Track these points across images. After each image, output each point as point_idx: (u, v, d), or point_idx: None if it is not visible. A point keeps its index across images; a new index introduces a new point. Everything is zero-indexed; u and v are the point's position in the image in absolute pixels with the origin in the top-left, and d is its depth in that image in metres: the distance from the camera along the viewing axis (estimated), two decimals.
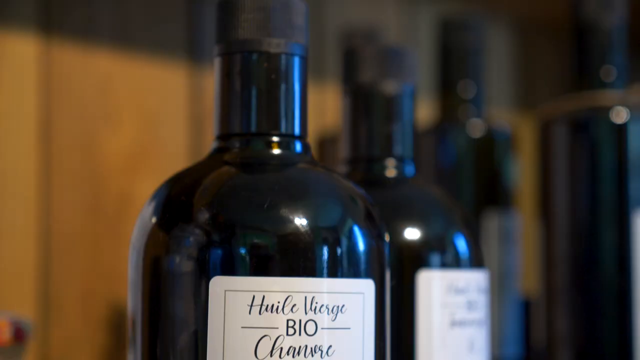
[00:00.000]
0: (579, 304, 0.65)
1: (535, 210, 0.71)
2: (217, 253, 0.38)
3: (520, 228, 0.74)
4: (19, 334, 0.49)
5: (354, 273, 0.39)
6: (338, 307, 0.38)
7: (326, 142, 0.76)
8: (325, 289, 0.38)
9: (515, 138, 0.75)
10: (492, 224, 0.71)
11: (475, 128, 0.72)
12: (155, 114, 0.75)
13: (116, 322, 0.74)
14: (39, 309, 0.69)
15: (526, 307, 0.77)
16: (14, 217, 0.69)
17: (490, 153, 0.72)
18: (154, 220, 0.40)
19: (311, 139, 0.41)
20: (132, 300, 0.41)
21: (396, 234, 0.46)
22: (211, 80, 0.75)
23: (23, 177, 0.69)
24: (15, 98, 0.69)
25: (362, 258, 0.39)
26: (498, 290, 0.70)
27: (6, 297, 0.68)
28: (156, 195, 0.41)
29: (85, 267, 0.73)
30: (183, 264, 0.38)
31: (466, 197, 0.70)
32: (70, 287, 0.71)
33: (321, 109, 0.83)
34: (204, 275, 0.38)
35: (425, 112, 0.84)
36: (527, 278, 0.80)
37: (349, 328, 0.38)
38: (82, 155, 0.72)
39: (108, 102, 0.73)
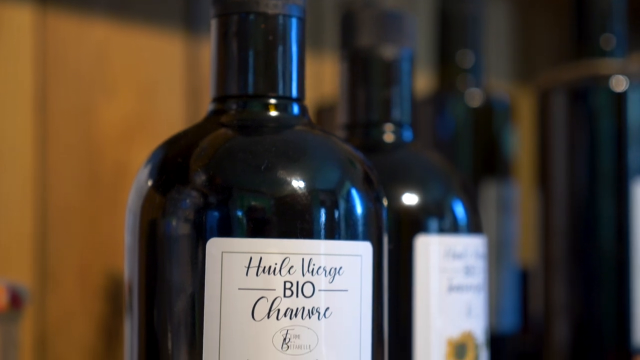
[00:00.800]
0: (576, 274, 0.65)
1: (534, 179, 0.71)
2: (214, 215, 0.38)
3: (518, 198, 0.74)
4: (16, 300, 0.49)
5: (352, 235, 0.39)
6: (335, 269, 0.38)
7: (324, 112, 0.76)
8: (323, 250, 0.38)
9: (513, 108, 0.74)
10: (490, 193, 0.70)
11: (474, 98, 0.72)
12: (151, 83, 0.75)
13: (113, 293, 0.74)
14: (36, 279, 0.69)
15: (524, 277, 0.77)
16: (10, 187, 0.68)
17: (488, 123, 0.72)
18: (150, 183, 0.40)
19: (309, 108, 0.41)
20: (128, 265, 0.41)
21: (394, 199, 0.46)
22: (208, 50, 0.75)
23: (19, 147, 0.69)
24: (11, 67, 0.68)
25: (360, 220, 0.39)
26: (496, 260, 0.70)
27: (3, 268, 0.67)
28: (152, 158, 0.41)
29: (82, 237, 0.72)
30: (180, 226, 0.38)
31: (464, 166, 0.70)
32: (67, 258, 0.71)
33: (319, 78, 0.83)
34: (200, 237, 0.38)
35: (423, 81, 0.84)
36: (525, 248, 0.80)
37: (347, 290, 0.38)
38: (78, 125, 0.72)
39: (104, 72, 0.73)
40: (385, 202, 0.41)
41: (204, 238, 0.38)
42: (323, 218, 0.38)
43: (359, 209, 0.39)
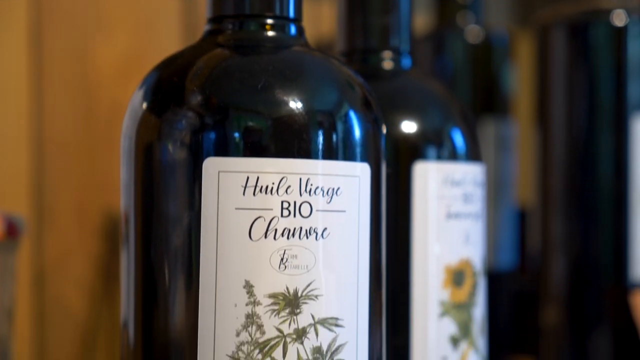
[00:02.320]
0: (575, 210, 0.65)
1: (532, 118, 0.70)
2: (210, 135, 0.37)
3: (516, 136, 0.74)
4: (12, 229, 0.49)
5: (350, 156, 0.38)
6: (333, 189, 0.38)
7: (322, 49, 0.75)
8: (320, 170, 0.37)
9: (513, 45, 0.74)
10: (488, 131, 0.70)
11: (473, 34, 0.71)
12: (148, 21, 0.74)
13: (111, 232, 0.73)
14: (33, 216, 0.69)
15: (521, 217, 0.77)
16: (5, 126, 0.68)
17: (487, 60, 0.71)
18: (144, 105, 0.39)
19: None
20: (124, 193, 0.41)
21: (393, 126, 0.46)
22: None
23: (14, 85, 0.69)
24: (5, 5, 0.68)
25: (358, 142, 0.39)
26: (494, 198, 0.70)
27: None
28: (146, 80, 0.40)
29: (79, 175, 0.72)
30: (176, 147, 0.38)
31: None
32: (64, 195, 0.71)
33: (317, 19, 0.82)
34: (197, 157, 0.37)
35: (423, 18, 0.83)
36: (523, 188, 0.79)
37: (344, 211, 0.38)
38: (74, 63, 0.72)
39: (100, 9, 0.72)
40: (384, 128, 0.41)
41: (201, 158, 0.37)
42: (321, 138, 0.38)
43: (357, 131, 0.39)
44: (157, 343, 0.38)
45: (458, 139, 0.47)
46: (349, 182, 0.38)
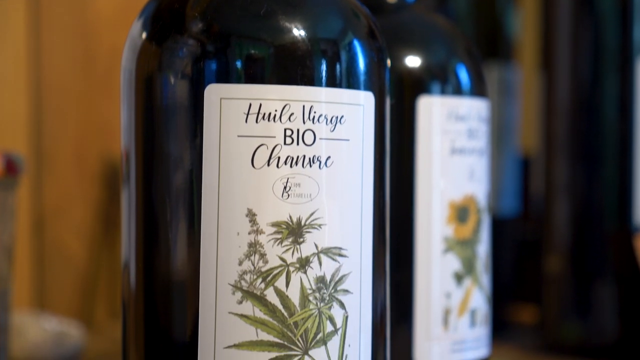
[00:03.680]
0: (579, 154, 0.64)
1: (536, 62, 0.70)
2: (212, 62, 0.37)
3: (520, 81, 0.73)
4: (11, 167, 0.48)
5: (354, 84, 0.38)
6: (337, 117, 0.37)
7: None
8: (324, 98, 0.37)
9: None
10: (491, 76, 0.69)
11: None
12: None
13: (110, 178, 0.73)
14: (32, 162, 0.68)
15: (524, 164, 0.77)
16: (4, 70, 0.67)
17: (491, 3, 0.70)
18: (144, 35, 0.39)
19: None
20: (125, 129, 0.40)
21: (397, 60, 0.45)
22: None
23: (12, 30, 0.68)
24: None
25: (362, 70, 0.38)
26: (497, 144, 0.69)
27: None
28: (146, 9, 0.40)
29: (77, 122, 0.71)
30: (177, 76, 0.37)
31: None
32: (63, 142, 0.70)
33: None
34: (199, 85, 0.37)
35: None
36: (526, 135, 0.79)
37: (348, 140, 0.37)
38: (73, 7, 0.71)
39: None
40: (388, 62, 0.40)
41: (202, 86, 0.37)
42: (324, 66, 0.37)
43: (361, 59, 0.38)
44: (159, 278, 0.38)
45: (463, 73, 0.46)
46: (352, 111, 0.37)
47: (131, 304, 0.39)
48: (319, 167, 0.37)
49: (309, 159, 0.37)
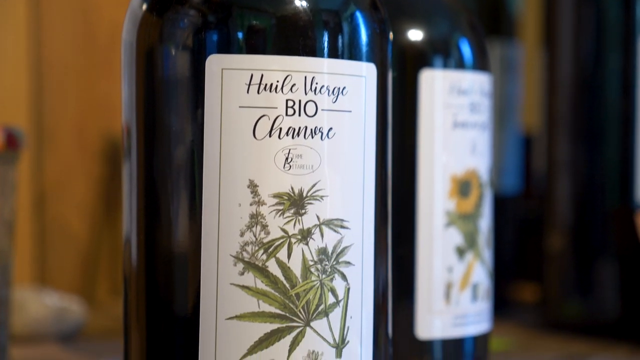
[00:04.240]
0: (581, 132, 0.64)
1: (538, 40, 0.69)
2: (213, 33, 0.36)
3: (522, 59, 0.73)
4: (11, 140, 0.48)
5: (356, 55, 0.37)
6: (339, 88, 0.37)
7: None
8: (326, 69, 0.37)
9: None
10: (494, 53, 0.69)
11: None
12: None
13: (111, 155, 0.73)
14: (33, 140, 0.68)
15: (526, 142, 0.77)
16: (4, 46, 0.67)
17: None
18: (144, 6, 0.38)
19: None
20: (126, 103, 0.40)
21: (399, 33, 0.45)
22: None
23: (12, 5, 0.67)
24: None
25: (365, 41, 0.38)
26: (499, 122, 0.69)
27: None
28: None
29: (78, 98, 0.71)
30: (178, 47, 0.37)
31: None
32: (64, 119, 0.70)
33: None
34: (200, 56, 0.36)
35: None
36: (528, 113, 0.79)
37: (350, 111, 0.37)
38: None
39: None
40: (390, 35, 0.40)
41: (204, 56, 0.36)
42: (326, 36, 0.37)
43: (363, 30, 0.38)
44: (161, 250, 0.38)
45: (465, 47, 0.46)
46: (354, 82, 0.37)
47: (133, 277, 0.39)
48: (321, 138, 0.37)
49: (311, 130, 0.36)
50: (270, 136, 0.36)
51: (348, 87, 0.37)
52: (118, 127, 0.71)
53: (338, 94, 0.37)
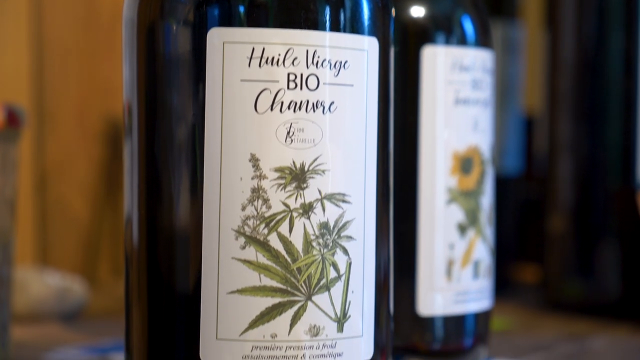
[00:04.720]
0: (583, 112, 0.64)
1: (541, 20, 0.69)
2: (214, 6, 0.36)
3: (524, 39, 0.73)
4: (12, 118, 0.48)
5: (358, 29, 0.37)
6: (341, 62, 0.37)
7: None
8: (328, 43, 0.36)
9: None
10: (496, 33, 0.69)
11: None
12: None
13: (112, 137, 0.73)
14: (35, 120, 0.68)
15: (528, 124, 0.77)
16: (6, 27, 0.67)
17: None
18: None
19: None
20: (127, 81, 0.40)
21: (401, 10, 0.45)
22: None
23: None
24: None
25: (367, 15, 0.38)
26: (500, 103, 0.69)
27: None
28: None
29: (80, 80, 0.71)
30: (180, 22, 0.37)
31: None
32: (65, 101, 0.70)
33: None
34: (201, 30, 0.36)
35: None
36: (530, 94, 0.79)
37: (352, 85, 0.37)
38: None
39: None
40: (393, 10, 0.40)
41: (205, 30, 0.36)
42: (328, 10, 0.37)
43: (365, 4, 0.38)
44: (162, 225, 0.38)
45: (467, 24, 0.46)
46: (356, 56, 0.37)
47: (134, 253, 0.39)
48: (323, 112, 0.36)
49: (313, 104, 0.36)
50: (271, 110, 0.36)
51: (350, 61, 0.37)
52: (119, 108, 0.71)
53: (340, 68, 0.37)
